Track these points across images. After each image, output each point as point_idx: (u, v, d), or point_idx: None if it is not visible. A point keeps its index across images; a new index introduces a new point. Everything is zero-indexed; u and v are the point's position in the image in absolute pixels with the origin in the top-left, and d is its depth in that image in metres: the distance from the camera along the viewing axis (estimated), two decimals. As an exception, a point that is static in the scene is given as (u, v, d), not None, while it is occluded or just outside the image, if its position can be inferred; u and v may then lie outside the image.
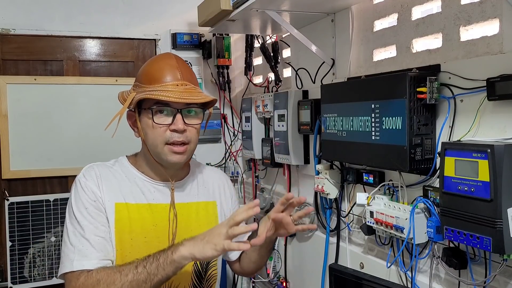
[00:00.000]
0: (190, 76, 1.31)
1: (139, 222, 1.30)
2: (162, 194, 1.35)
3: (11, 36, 2.43)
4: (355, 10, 1.70)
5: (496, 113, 1.13)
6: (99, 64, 2.61)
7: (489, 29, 1.18)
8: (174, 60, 1.31)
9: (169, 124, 1.26)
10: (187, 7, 2.60)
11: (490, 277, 1.13)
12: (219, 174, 1.56)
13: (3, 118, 2.39)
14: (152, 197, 1.34)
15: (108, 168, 1.35)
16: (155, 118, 1.26)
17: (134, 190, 1.33)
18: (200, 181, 1.45)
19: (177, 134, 1.26)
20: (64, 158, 2.50)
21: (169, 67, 1.29)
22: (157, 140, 1.27)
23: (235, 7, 1.76)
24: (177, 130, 1.25)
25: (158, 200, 1.34)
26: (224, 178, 1.55)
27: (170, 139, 1.26)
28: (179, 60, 1.33)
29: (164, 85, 1.26)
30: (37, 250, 2.43)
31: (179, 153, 1.27)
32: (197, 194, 1.42)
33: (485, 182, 1.04)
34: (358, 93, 1.49)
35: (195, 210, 1.39)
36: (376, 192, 1.48)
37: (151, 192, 1.34)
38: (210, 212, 1.43)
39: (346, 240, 1.75)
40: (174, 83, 1.26)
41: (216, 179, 1.50)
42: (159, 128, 1.26)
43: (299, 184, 2.08)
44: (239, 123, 2.69)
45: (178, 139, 1.26)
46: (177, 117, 1.25)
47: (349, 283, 1.44)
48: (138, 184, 1.34)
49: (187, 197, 1.39)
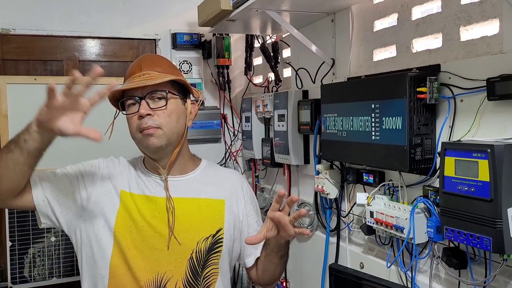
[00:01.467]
0: (155, 65, 1.38)
1: (139, 212, 1.37)
2: (161, 188, 1.41)
3: (11, 36, 2.42)
4: (355, 10, 1.70)
5: (496, 113, 1.13)
6: (99, 64, 2.61)
7: (489, 29, 1.18)
8: (143, 58, 1.43)
9: (137, 112, 1.34)
10: (187, 7, 2.60)
11: (490, 277, 1.13)
12: (237, 177, 1.59)
13: (3, 118, 2.39)
14: (153, 191, 1.41)
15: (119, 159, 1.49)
16: (127, 111, 1.37)
17: (139, 182, 1.42)
18: (209, 179, 1.48)
19: (144, 120, 1.33)
20: (64, 158, 2.48)
21: (135, 64, 1.40)
22: (132, 130, 1.37)
23: (235, 7, 1.76)
24: (142, 115, 1.33)
25: (157, 193, 1.40)
26: (240, 180, 1.57)
27: (140, 126, 1.34)
28: (147, 56, 1.48)
29: (129, 80, 1.36)
30: (37, 250, 2.43)
31: (149, 134, 1.33)
32: (200, 191, 1.44)
33: (485, 182, 1.04)
34: (358, 93, 1.49)
35: (197, 206, 1.42)
36: (376, 192, 1.48)
37: (152, 186, 1.42)
38: (215, 210, 1.44)
39: (346, 240, 1.75)
40: (137, 74, 1.36)
41: (231, 180, 1.54)
42: (131, 118, 1.36)
43: (299, 184, 2.09)
44: (239, 123, 2.69)
45: (144, 125, 1.33)
46: (141, 104, 1.33)
47: (349, 283, 1.44)
48: (143, 177, 1.43)
49: (188, 192, 1.43)
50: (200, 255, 1.39)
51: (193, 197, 1.42)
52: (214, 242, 1.42)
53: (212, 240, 1.41)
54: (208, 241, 1.41)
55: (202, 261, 1.40)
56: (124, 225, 1.36)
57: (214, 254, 1.42)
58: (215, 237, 1.42)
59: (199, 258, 1.39)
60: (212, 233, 1.42)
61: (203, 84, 2.71)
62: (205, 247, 1.40)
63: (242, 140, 2.55)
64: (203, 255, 1.40)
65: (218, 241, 1.42)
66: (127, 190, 1.40)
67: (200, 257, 1.39)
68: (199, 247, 1.39)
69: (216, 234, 1.42)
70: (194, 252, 1.39)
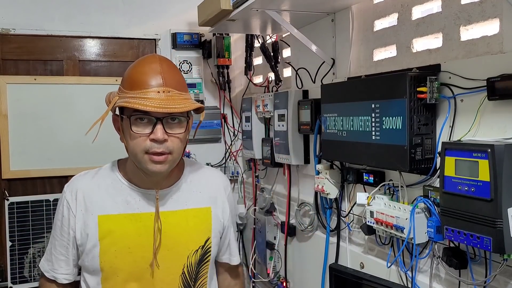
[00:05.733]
0: (175, 81, 1.22)
1: (122, 233, 1.28)
2: (147, 202, 1.30)
3: (11, 36, 2.43)
4: (355, 10, 1.70)
5: (496, 113, 1.13)
6: (99, 64, 2.61)
7: (489, 28, 1.18)
8: (158, 64, 1.22)
9: (149, 134, 1.19)
10: (187, 7, 2.60)
11: (490, 277, 1.13)
12: (220, 178, 1.48)
13: (3, 118, 2.39)
14: (136, 206, 1.30)
15: (91, 178, 1.34)
16: (133, 127, 1.20)
17: (117, 200, 1.30)
18: (193, 186, 1.38)
19: (156, 144, 1.19)
20: (64, 158, 2.50)
21: (152, 71, 1.20)
22: (136, 149, 1.21)
23: (235, 7, 1.76)
24: (157, 140, 1.19)
25: (143, 209, 1.30)
26: (224, 183, 1.48)
27: (150, 149, 1.20)
28: (164, 63, 1.23)
29: (144, 91, 1.18)
30: (37, 250, 2.43)
31: (159, 162, 1.21)
32: (187, 201, 1.36)
33: (485, 182, 1.04)
34: (358, 93, 1.49)
35: (184, 218, 1.34)
36: (376, 192, 1.48)
37: (136, 201, 1.30)
38: (202, 219, 1.38)
39: (346, 240, 1.75)
40: (156, 89, 1.18)
41: (214, 184, 1.44)
42: (139, 137, 1.20)
43: (299, 184, 2.08)
44: (239, 123, 2.69)
45: (157, 149, 1.20)
46: (157, 127, 1.18)
47: (349, 283, 1.44)
48: (123, 193, 1.30)
49: (176, 204, 1.34)
50: (192, 268, 1.35)
51: (180, 209, 1.34)
52: (204, 253, 1.37)
53: (201, 251, 1.36)
54: (198, 253, 1.35)
55: (194, 274, 1.36)
56: (108, 251, 1.28)
57: (204, 265, 1.38)
58: (204, 248, 1.37)
59: (191, 272, 1.35)
60: (201, 244, 1.36)
61: (203, 84, 2.71)
62: (195, 260, 1.35)
63: (242, 140, 2.55)
64: (194, 268, 1.36)
65: (207, 251, 1.38)
66: (103, 213, 1.28)
67: (191, 271, 1.35)
68: (190, 261, 1.34)
69: (205, 244, 1.37)
70: (185, 266, 1.34)
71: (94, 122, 1.23)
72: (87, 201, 1.30)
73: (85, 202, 1.30)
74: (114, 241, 1.28)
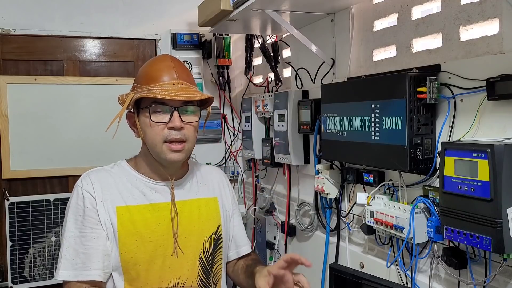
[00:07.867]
0: (186, 75, 1.34)
1: (142, 223, 1.33)
2: (162, 193, 1.37)
3: (11, 36, 2.43)
4: (355, 10, 1.70)
5: (496, 113, 1.13)
6: (99, 64, 2.62)
7: (489, 29, 1.18)
8: (170, 61, 1.35)
9: (167, 122, 1.28)
10: (187, 7, 2.61)
11: (490, 276, 1.13)
12: (218, 172, 1.58)
13: (3, 118, 2.40)
14: (153, 197, 1.36)
15: (107, 172, 1.38)
16: (152, 116, 1.29)
17: (134, 192, 1.36)
18: (199, 178, 1.47)
19: (174, 131, 1.28)
20: (64, 158, 2.50)
21: (165, 67, 1.33)
22: (156, 138, 1.29)
23: (235, 7, 1.76)
24: (174, 128, 1.28)
25: (159, 200, 1.36)
26: (223, 176, 1.58)
27: (168, 137, 1.29)
28: (176, 61, 1.37)
29: (161, 84, 1.29)
30: (37, 250, 2.44)
31: (177, 151, 1.30)
32: (197, 191, 1.44)
33: (485, 182, 1.04)
34: (358, 93, 1.49)
35: (196, 207, 1.42)
36: (376, 192, 1.48)
37: (152, 193, 1.37)
38: (212, 208, 1.45)
39: (346, 240, 1.75)
40: (171, 82, 1.30)
41: (215, 177, 1.53)
42: (157, 126, 1.29)
43: (299, 184, 2.09)
44: (239, 123, 2.70)
45: (175, 136, 1.29)
46: (174, 115, 1.28)
47: (349, 283, 1.44)
48: (139, 186, 1.37)
49: (188, 194, 1.42)
50: (208, 254, 1.42)
51: (192, 198, 1.43)
52: (217, 239, 1.44)
53: (214, 237, 1.44)
54: (212, 239, 1.43)
55: (210, 259, 1.42)
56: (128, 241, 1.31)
57: (218, 250, 1.45)
58: (217, 234, 1.45)
59: (207, 257, 1.42)
60: (214, 230, 1.44)
61: (203, 84, 2.71)
62: (210, 245, 1.42)
63: (242, 140, 2.55)
64: (210, 253, 1.42)
65: (219, 237, 1.45)
66: (122, 204, 1.33)
67: (208, 256, 1.42)
68: (206, 247, 1.41)
69: (217, 231, 1.45)
70: (202, 252, 1.40)
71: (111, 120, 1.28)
72: (105, 193, 1.33)
73: (103, 193, 1.33)
74: (136, 231, 1.32)
